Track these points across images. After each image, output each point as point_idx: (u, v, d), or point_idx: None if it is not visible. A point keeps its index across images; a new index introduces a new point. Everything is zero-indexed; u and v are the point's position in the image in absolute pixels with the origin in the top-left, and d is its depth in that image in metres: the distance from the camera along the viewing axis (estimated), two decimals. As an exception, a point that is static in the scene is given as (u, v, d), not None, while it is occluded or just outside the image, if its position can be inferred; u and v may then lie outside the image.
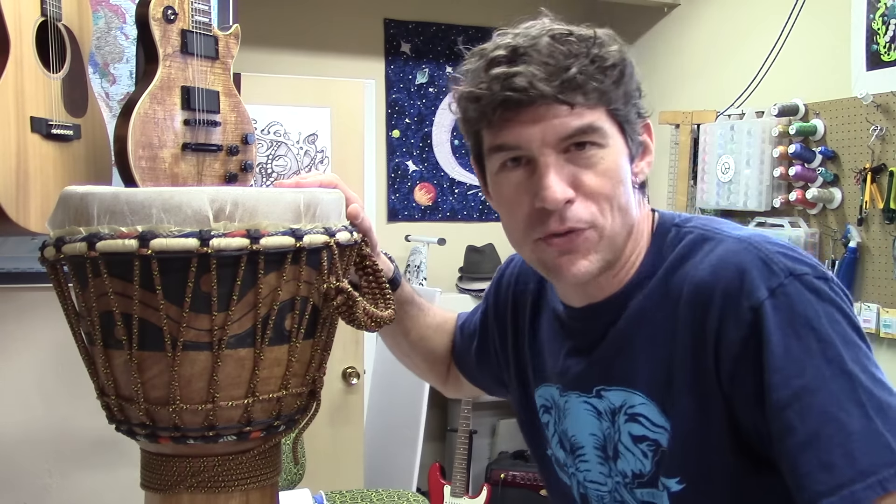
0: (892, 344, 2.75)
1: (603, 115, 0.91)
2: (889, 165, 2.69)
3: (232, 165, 1.78)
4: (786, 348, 0.83)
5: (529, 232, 0.94)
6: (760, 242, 0.90)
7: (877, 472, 0.78)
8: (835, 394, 0.81)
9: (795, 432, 0.81)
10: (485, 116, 0.92)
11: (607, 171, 0.92)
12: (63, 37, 1.61)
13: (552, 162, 0.90)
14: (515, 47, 0.90)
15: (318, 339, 0.95)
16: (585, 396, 1.01)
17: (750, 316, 0.85)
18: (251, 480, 0.93)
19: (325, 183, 1.00)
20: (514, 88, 0.88)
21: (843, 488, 0.78)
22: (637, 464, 0.96)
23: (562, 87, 0.88)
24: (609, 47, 0.91)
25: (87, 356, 0.94)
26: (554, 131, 0.89)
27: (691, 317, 0.90)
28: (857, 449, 0.79)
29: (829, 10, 2.95)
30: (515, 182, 0.93)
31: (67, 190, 0.87)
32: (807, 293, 0.85)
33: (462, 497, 3.60)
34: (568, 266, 0.93)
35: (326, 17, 3.89)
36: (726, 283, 0.88)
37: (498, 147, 0.93)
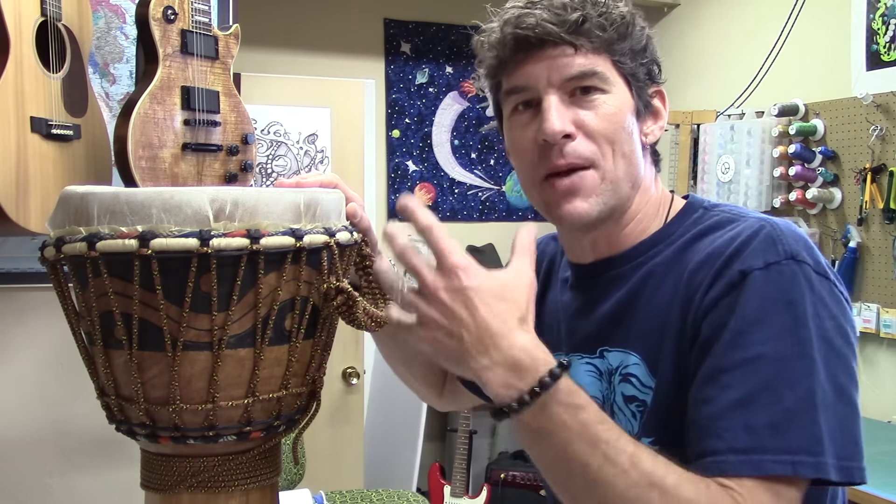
0: (892, 344, 2.75)
1: (608, 63, 0.97)
2: (889, 165, 2.69)
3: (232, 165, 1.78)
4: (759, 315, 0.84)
5: (535, 170, 0.98)
6: (778, 224, 0.92)
7: (794, 454, 0.79)
8: (789, 370, 0.81)
9: (733, 390, 0.81)
10: (501, 61, 0.99)
11: (609, 116, 0.96)
12: (63, 37, 1.61)
13: (555, 99, 0.95)
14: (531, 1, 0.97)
15: (318, 339, 0.95)
16: (588, 357, 1.03)
17: (737, 278, 0.86)
18: (251, 480, 0.93)
19: (325, 183, 1.01)
20: (523, 27, 0.95)
21: (754, 453, 0.79)
22: (628, 425, 0.97)
23: (567, 29, 0.94)
24: (618, 7, 0.98)
25: (87, 356, 0.94)
26: (558, 71, 0.95)
27: (690, 279, 0.93)
28: (786, 427, 0.79)
29: (829, 10, 2.95)
30: (524, 123, 0.99)
31: (67, 190, 0.87)
32: (800, 278, 0.85)
33: (462, 497, 3.60)
34: (567, 206, 0.97)
35: (326, 17, 3.89)
36: (732, 250, 0.90)
37: (510, 90, 0.99)
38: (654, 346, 0.95)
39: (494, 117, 1.09)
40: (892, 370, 2.76)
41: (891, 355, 2.77)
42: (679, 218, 1.02)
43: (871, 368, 2.83)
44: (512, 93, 1.00)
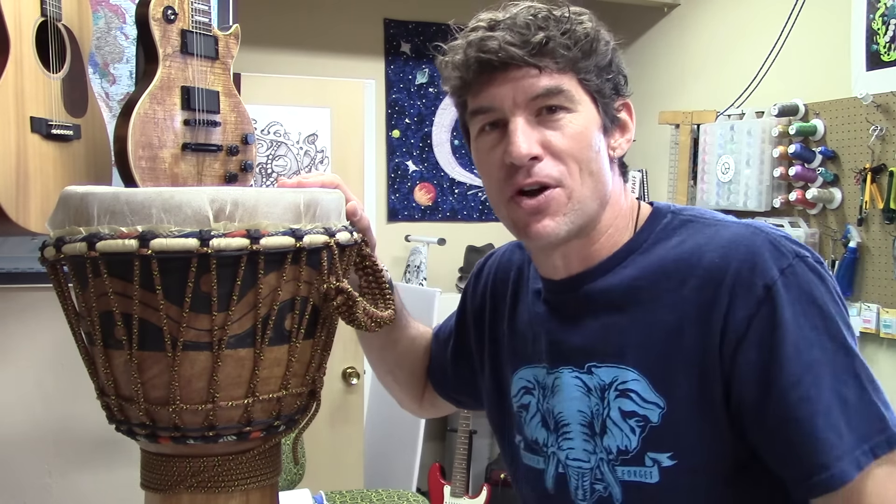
0: (892, 344, 2.75)
1: (573, 81, 0.97)
2: (889, 165, 2.69)
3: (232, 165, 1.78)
4: (797, 324, 0.89)
5: (502, 189, 0.99)
6: (765, 227, 0.96)
7: (869, 439, 0.87)
8: (838, 367, 0.88)
9: (812, 401, 0.87)
10: (465, 82, 0.99)
11: (575, 135, 0.96)
12: (63, 37, 1.61)
13: (521, 121, 0.95)
14: (494, 20, 0.98)
15: (318, 339, 0.96)
16: (577, 371, 1.03)
17: (762, 293, 0.90)
18: (251, 480, 0.93)
19: (326, 183, 1.01)
20: (486, 51, 0.95)
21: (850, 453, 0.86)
22: (623, 440, 0.98)
23: (531, 51, 0.94)
24: (582, 23, 0.97)
25: (87, 356, 0.94)
26: (523, 91, 0.95)
27: (699, 299, 0.94)
28: (855, 418, 0.87)
29: (829, 10, 2.95)
30: (490, 143, 0.99)
31: (67, 190, 0.87)
32: (810, 273, 0.91)
33: (462, 497, 3.60)
34: (536, 226, 0.97)
35: (326, 17, 3.89)
36: (738, 263, 0.92)
37: (476, 110, 1.00)
38: (660, 365, 0.95)
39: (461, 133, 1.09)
40: (893, 370, 2.76)
41: (891, 355, 2.77)
42: (648, 225, 1.03)
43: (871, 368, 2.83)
44: (477, 113, 1.00)
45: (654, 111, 3.67)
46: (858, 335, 2.81)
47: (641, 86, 4.01)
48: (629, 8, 3.94)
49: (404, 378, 1.32)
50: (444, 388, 1.30)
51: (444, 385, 1.30)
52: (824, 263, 0.94)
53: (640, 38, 4.01)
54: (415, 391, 1.34)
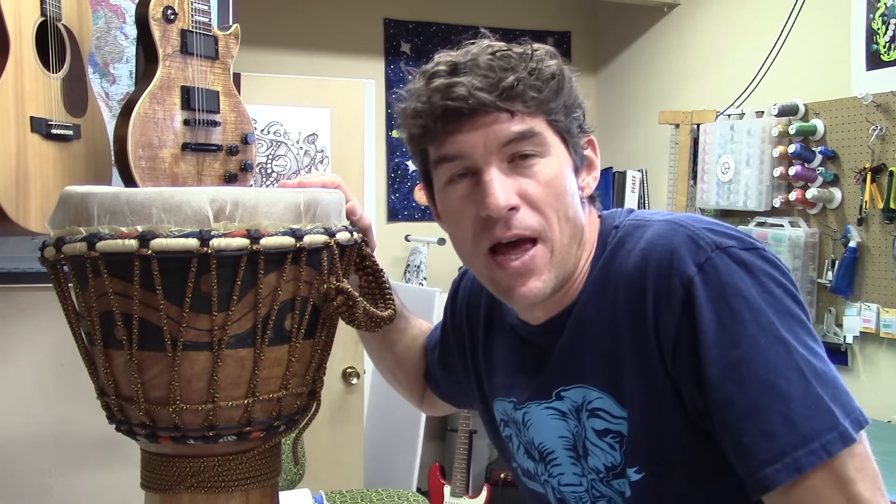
0: (892, 344, 2.75)
1: (543, 124, 0.93)
2: (889, 165, 2.69)
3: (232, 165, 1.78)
4: (719, 321, 0.83)
5: (478, 242, 0.94)
6: (687, 222, 0.91)
7: (819, 437, 0.79)
8: (771, 361, 0.82)
9: (735, 403, 0.82)
10: (428, 130, 0.94)
11: (550, 181, 0.92)
12: (63, 37, 1.61)
13: (495, 170, 0.91)
14: (455, 62, 0.92)
15: (318, 339, 0.95)
16: (546, 402, 1.01)
17: (682, 293, 0.86)
18: (251, 480, 0.93)
19: (327, 183, 1.01)
20: (454, 98, 0.90)
21: (786, 455, 0.79)
22: (608, 457, 0.96)
23: (501, 96, 0.90)
24: (547, 61, 0.93)
25: (87, 356, 0.94)
26: (495, 137, 0.91)
27: (629, 306, 0.91)
28: (797, 415, 0.80)
29: (829, 10, 2.95)
30: (461, 194, 0.94)
31: (67, 190, 0.87)
32: (734, 265, 0.85)
33: (462, 497, 3.60)
34: (520, 288, 0.93)
35: (326, 17, 3.89)
36: (657, 263, 0.89)
37: (442, 158, 0.94)
38: (614, 377, 0.93)
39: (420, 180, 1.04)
40: (892, 370, 2.76)
41: (891, 355, 2.77)
42: (599, 250, 0.99)
43: (871, 368, 2.83)
44: (444, 161, 0.94)
45: (654, 111, 3.67)
46: (858, 335, 2.81)
47: (641, 86, 4.01)
48: (629, 8, 3.94)
49: (404, 378, 1.32)
50: (440, 392, 1.30)
51: (439, 389, 1.30)
52: (763, 250, 0.88)
53: (640, 38, 4.01)
54: (415, 390, 1.34)
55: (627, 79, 4.11)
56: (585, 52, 4.29)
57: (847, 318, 2.84)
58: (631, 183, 3.83)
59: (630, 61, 4.09)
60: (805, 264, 2.94)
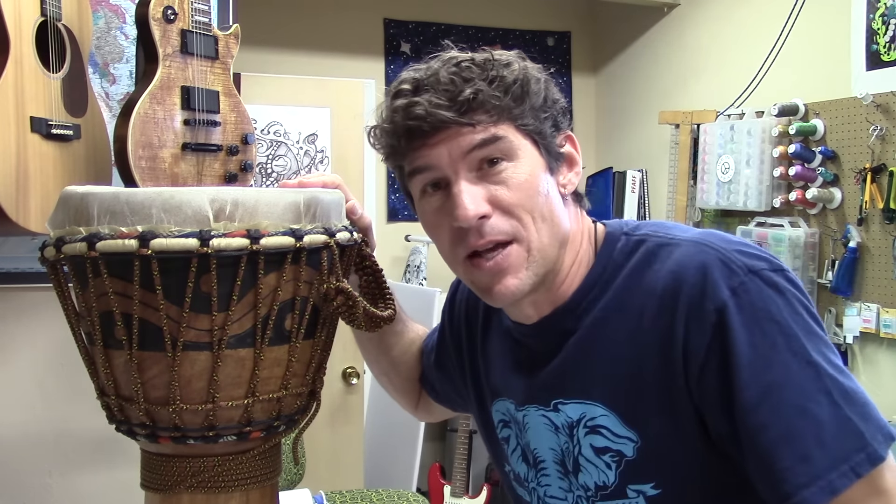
0: (892, 344, 2.75)
1: (511, 129, 0.93)
2: (889, 165, 2.69)
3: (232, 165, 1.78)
4: (752, 345, 0.84)
5: (455, 251, 0.95)
6: (716, 242, 0.91)
7: (849, 459, 0.81)
8: (803, 386, 0.83)
9: (770, 428, 0.82)
10: (395, 149, 0.96)
11: (521, 185, 0.92)
12: (63, 37, 1.61)
13: (463, 180, 0.92)
14: (417, 80, 0.93)
15: (318, 339, 0.95)
16: (544, 409, 1.01)
17: (714, 318, 0.86)
18: (251, 480, 0.93)
19: (327, 183, 1.01)
20: (414, 117, 0.91)
21: (821, 478, 0.80)
22: (601, 475, 0.95)
23: (460, 110, 0.90)
24: (509, 67, 0.93)
25: (87, 356, 0.94)
26: (458, 147, 0.91)
27: (656, 327, 0.90)
28: (829, 437, 0.81)
29: (829, 10, 2.95)
30: (435, 206, 0.96)
31: (67, 190, 0.87)
32: (767, 289, 0.86)
33: (462, 497, 3.60)
34: (497, 286, 0.94)
35: (326, 17, 3.89)
36: (689, 287, 0.88)
37: (413, 171, 0.96)
38: (628, 399, 0.93)
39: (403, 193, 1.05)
40: (892, 370, 2.76)
41: (891, 355, 2.77)
42: (605, 251, 0.99)
43: (871, 368, 2.83)
44: (415, 173, 0.96)
45: (654, 111, 3.67)
46: (858, 335, 2.81)
47: (641, 86, 4.01)
48: (629, 8, 3.94)
49: (400, 382, 1.32)
50: (437, 396, 1.30)
51: (435, 392, 1.29)
52: (787, 271, 0.88)
53: (640, 38, 4.01)
54: (410, 396, 1.33)
55: (627, 79, 4.11)
56: (585, 52, 4.29)
57: (847, 318, 2.84)
58: (631, 183, 3.83)
59: (630, 61, 4.09)
60: (805, 264, 2.94)
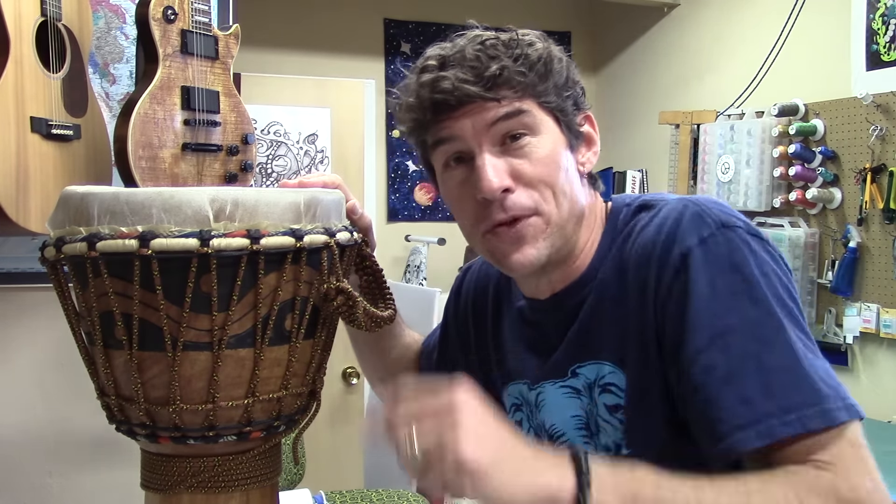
0: (892, 344, 2.75)
1: (534, 105, 0.95)
2: (889, 165, 2.69)
3: (232, 165, 1.78)
4: (711, 288, 0.84)
5: (477, 225, 0.97)
6: (700, 199, 0.92)
7: (798, 410, 0.78)
8: (759, 332, 0.82)
9: (716, 369, 0.81)
10: (420, 123, 0.97)
11: (543, 159, 0.94)
12: (63, 37, 1.61)
13: (487, 153, 0.93)
14: (443, 56, 0.95)
15: (318, 339, 0.95)
16: (561, 381, 1.02)
17: (678, 261, 0.87)
18: (251, 480, 0.93)
19: (328, 183, 1.01)
20: (440, 91, 0.93)
21: (760, 423, 0.78)
22: (616, 434, 0.96)
23: (486, 85, 0.92)
24: (533, 46, 0.95)
25: (87, 356, 0.94)
26: (483, 120, 0.93)
27: (637, 277, 0.93)
28: (778, 386, 0.79)
29: (829, 10, 2.95)
30: (458, 179, 0.97)
31: (67, 190, 0.87)
32: (737, 242, 0.86)
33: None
34: (515, 255, 0.95)
35: (326, 17, 3.89)
36: (664, 237, 0.90)
37: (437, 142, 0.97)
38: (622, 349, 0.94)
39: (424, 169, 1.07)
40: (892, 370, 2.76)
41: (891, 355, 2.77)
42: (610, 225, 1.02)
43: (870, 368, 2.83)
44: (439, 144, 0.97)
45: (654, 111, 3.67)
46: (858, 335, 2.81)
47: (641, 86, 4.01)
48: (629, 8, 3.94)
49: None
50: None
51: None
52: (764, 238, 0.89)
53: (640, 38, 4.01)
54: None
55: (627, 79, 4.11)
56: (585, 52, 4.29)
57: (847, 318, 2.84)
58: (631, 183, 3.83)
59: (630, 61, 4.09)
60: (805, 264, 2.94)
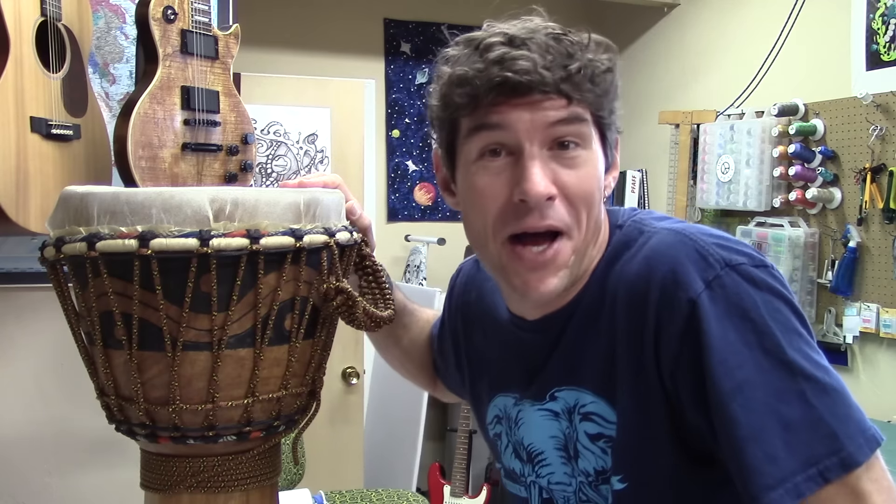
0: (892, 344, 2.75)
1: (591, 117, 0.89)
2: (889, 165, 2.69)
3: (232, 165, 1.78)
4: (725, 341, 0.82)
5: (501, 228, 0.89)
6: (695, 233, 0.88)
7: (818, 462, 0.78)
8: (775, 386, 0.80)
9: (740, 426, 0.80)
10: (474, 100, 0.87)
11: (589, 176, 0.89)
12: (63, 37, 1.61)
13: (537, 153, 0.87)
14: (512, 36, 0.86)
15: (318, 339, 0.95)
16: (539, 404, 1.00)
17: (687, 309, 0.83)
18: (251, 480, 0.93)
19: (328, 183, 1.01)
20: (516, 70, 0.84)
21: (787, 481, 0.78)
22: (598, 461, 0.95)
23: (563, 79, 0.85)
24: (603, 54, 0.89)
25: (87, 356, 0.94)
26: (544, 116, 0.86)
27: (628, 313, 0.89)
28: (798, 440, 0.79)
29: (829, 10, 2.95)
30: (494, 171, 0.89)
31: (67, 190, 0.87)
32: (744, 283, 0.83)
33: (462, 497, 3.60)
34: (536, 283, 0.90)
35: (326, 17, 3.89)
36: (662, 276, 0.86)
37: (481, 126, 0.88)
38: (609, 384, 0.92)
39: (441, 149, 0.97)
40: (892, 370, 2.76)
41: (891, 355, 2.77)
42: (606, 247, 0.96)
43: (871, 368, 2.83)
44: (481, 129, 0.88)
45: (654, 111, 3.67)
46: (858, 335, 2.81)
47: (641, 86, 4.01)
48: (629, 8, 3.94)
49: (415, 370, 1.31)
50: (448, 384, 1.30)
51: (446, 380, 1.29)
52: (769, 267, 0.85)
53: (640, 38, 4.01)
54: (427, 380, 1.33)
55: (627, 79, 4.10)
56: (585, 52, 4.28)
57: (847, 318, 2.84)
58: (631, 183, 3.83)
59: (630, 61, 4.09)
60: (805, 264, 2.94)
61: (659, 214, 0.98)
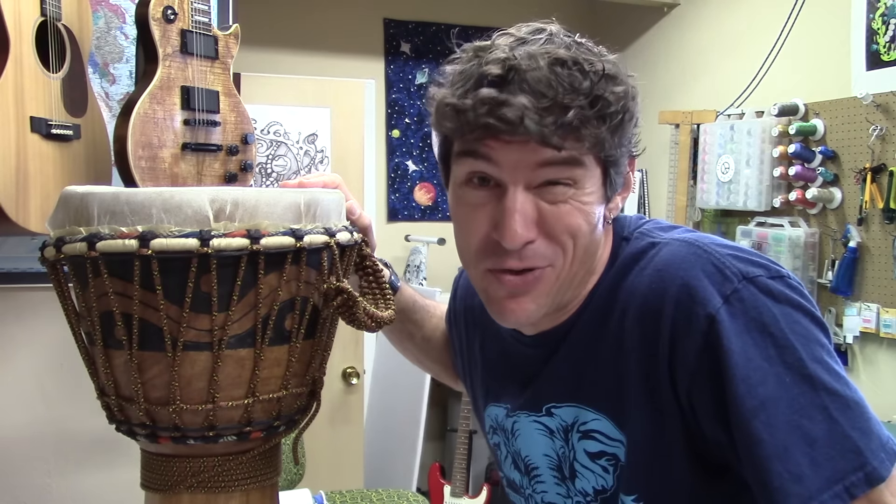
0: (892, 344, 2.75)
1: (591, 157, 0.85)
2: (889, 165, 2.69)
3: (232, 165, 1.78)
4: (746, 357, 0.80)
5: (482, 259, 0.88)
6: (708, 245, 0.86)
7: (843, 479, 0.77)
8: (797, 401, 0.79)
9: (764, 444, 0.79)
10: (460, 132, 0.84)
11: (575, 213, 0.85)
12: (63, 37, 1.61)
13: (521, 194, 0.83)
14: (512, 67, 0.81)
15: (319, 339, 0.95)
16: (535, 416, 0.99)
17: (705, 324, 0.81)
18: (251, 481, 0.93)
19: (328, 183, 1.00)
20: (501, 118, 0.80)
21: (813, 499, 0.77)
22: (599, 480, 0.93)
23: (554, 129, 0.80)
24: (615, 87, 0.83)
25: (87, 356, 0.94)
26: (533, 156, 0.82)
27: (641, 328, 0.86)
28: (822, 456, 0.77)
29: (829, 10, 2.95)
30: (477, 201, 0.87)
31: (67, 190, 0.87)
32: (762, 297, 0.81)
33: (462, 497, 3.60)
34: (513, 308, 0.88)
35: (326, 17, 3.89)
36: (676, 289, 0.83)
37: (467, 152, 0.86)
38: (615, 400, 0.90)
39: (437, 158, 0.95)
40: (892, 370, 2.76)
41: (891, 355, 2.77)
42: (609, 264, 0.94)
43: (871, 368, 2.83)
44: (468, 155, 0.85)
45: (654, 111, 3.67)
46: (858, 335, 2.81)
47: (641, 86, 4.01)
48: (629, 8, 3.94)
49: (433, 365, 1.30)
50: None
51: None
52: (787, 276, 0.83)
53: (640, 38, 4.01)
54: (448, 375, 1.31)
55: (627, 79, 4.11)
56: (585, 52, 4.28)
57: (847, 318, 2.84)
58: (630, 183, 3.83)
59: (630, 61, 4.08)
60: (805, 264, 2.94)
61: (666, 224, 0.95)
